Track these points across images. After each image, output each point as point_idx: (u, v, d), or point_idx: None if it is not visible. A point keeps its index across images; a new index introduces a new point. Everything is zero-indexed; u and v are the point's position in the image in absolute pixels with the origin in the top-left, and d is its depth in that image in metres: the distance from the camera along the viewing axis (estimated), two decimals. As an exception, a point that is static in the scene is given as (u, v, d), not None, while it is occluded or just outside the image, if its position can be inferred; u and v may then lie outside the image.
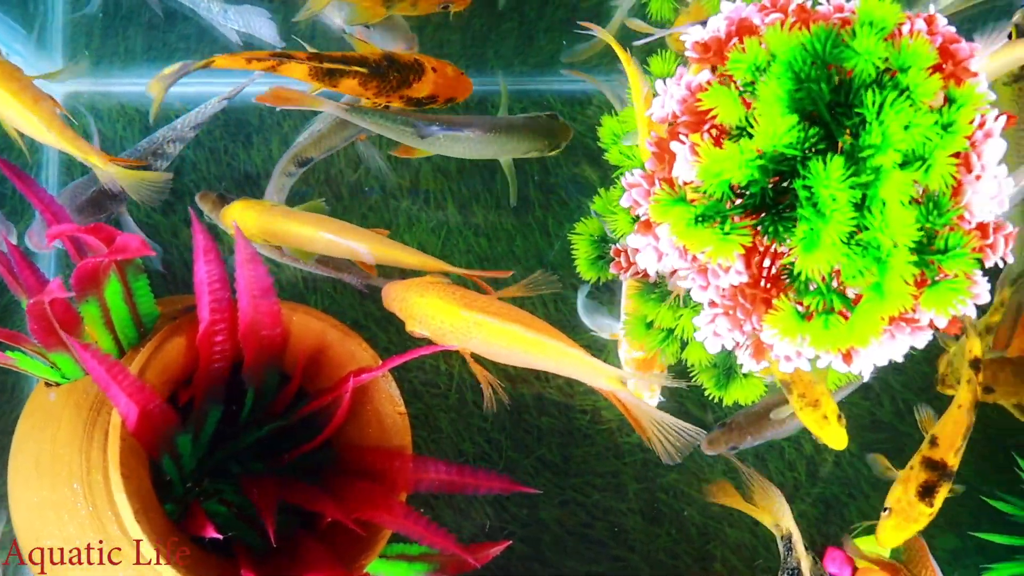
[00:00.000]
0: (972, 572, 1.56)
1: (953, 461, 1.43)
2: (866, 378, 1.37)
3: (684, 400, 1.59)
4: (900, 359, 1.21)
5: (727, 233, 1.09)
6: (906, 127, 1.06)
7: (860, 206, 1.08)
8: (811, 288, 1.13)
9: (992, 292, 1.32)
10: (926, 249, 1.11)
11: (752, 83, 1.11)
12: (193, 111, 1.56)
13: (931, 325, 1.22)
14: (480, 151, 1.58)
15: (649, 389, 1.47)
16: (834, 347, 1.13)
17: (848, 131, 1.09)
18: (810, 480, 1.59)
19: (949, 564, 1.58)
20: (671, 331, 1.38)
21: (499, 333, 1.32)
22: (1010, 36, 1.40)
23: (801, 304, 1.13)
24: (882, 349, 1.19)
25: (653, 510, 1.57)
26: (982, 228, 1.20)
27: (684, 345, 1.40)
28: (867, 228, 1.06)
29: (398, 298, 1.37)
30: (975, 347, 1.45)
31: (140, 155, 1.54)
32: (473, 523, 1.59)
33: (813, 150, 1.10)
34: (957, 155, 1.13)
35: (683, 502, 1.58)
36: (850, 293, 1.13)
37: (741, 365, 1.28)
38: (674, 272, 1.26)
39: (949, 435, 1.43)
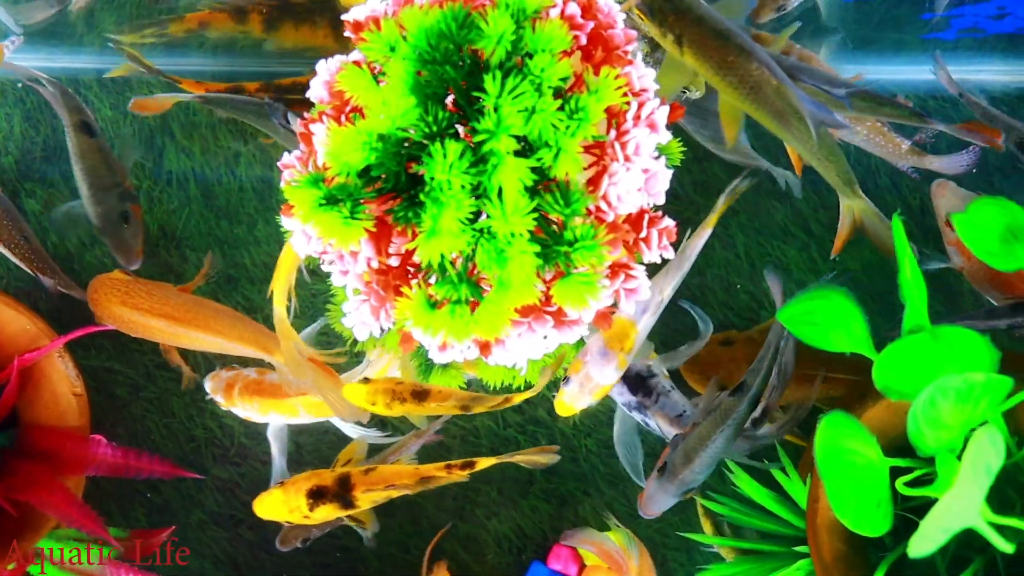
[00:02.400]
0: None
1: (361, 501, 1.39)
2: (523, 371, 1.35)
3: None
4: (545, 351, 1.19)
5: (349, 217, 1.06)
6: (532, 113, 1.04)
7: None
8: (445, 276, 1.10)
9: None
10: (562, 240, 1.08)
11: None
12: None
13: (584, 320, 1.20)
14: None
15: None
16: (460, 337, 1.10)
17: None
18: (545, 476, 1.56)
19: (683, 565, 1.56)
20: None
21: (145, 327, 1.37)
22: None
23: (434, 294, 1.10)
24: (524, 342, 1.16)
25: (385, 502, 1.54)
26: (634, 222, 1.17)
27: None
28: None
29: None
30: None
31: None
32: (202, 508, 1.56)
33: (446, 135, 1.07)
34: (601, 144, 1.11)
35: (415, 494, 1.55)
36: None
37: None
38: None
39: (377, 478, 1.40)
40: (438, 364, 1.39)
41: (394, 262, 1.15)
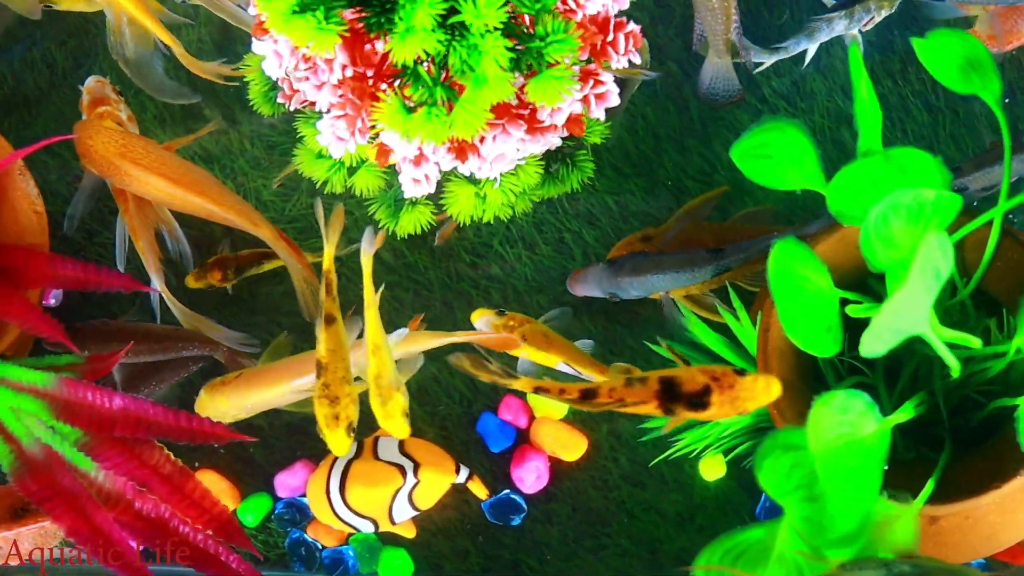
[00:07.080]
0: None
1: None
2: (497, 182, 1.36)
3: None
4: (518, 160, 1.21)
5: (324, 22, 1.08)
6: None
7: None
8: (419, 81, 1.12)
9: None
10: (534, 37, 1.10)
11: None
12: None
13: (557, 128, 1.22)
14: None
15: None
16: (438, 139, 1.12)
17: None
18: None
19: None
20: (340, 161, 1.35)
21: (143, 183, 1.40)
22: None
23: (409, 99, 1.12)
24: (499, 147, 1.18)
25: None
26: (602, 25, 1.20)
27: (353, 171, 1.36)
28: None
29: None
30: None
31: None
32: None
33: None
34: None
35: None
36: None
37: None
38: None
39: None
40: (407, 200, 1.39)
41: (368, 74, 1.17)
